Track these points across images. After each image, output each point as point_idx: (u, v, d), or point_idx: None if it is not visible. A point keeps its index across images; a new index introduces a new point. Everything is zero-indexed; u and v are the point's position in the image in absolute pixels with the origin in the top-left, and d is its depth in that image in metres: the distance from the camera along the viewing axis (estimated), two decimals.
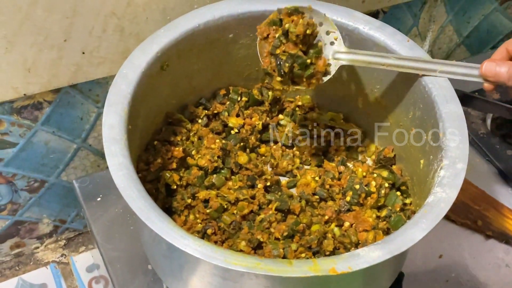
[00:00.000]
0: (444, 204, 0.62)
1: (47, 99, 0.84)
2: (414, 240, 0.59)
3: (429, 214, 0.62)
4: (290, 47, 0.71)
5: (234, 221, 0.75)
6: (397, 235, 0.60)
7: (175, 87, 0.80)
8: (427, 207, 0.62)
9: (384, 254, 0.58)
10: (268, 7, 0.79)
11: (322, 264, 0.58)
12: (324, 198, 0.79)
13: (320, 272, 0.57)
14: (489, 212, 0.86)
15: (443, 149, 0.68)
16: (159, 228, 0.59)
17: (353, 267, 0.58)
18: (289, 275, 0.57)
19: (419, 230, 0.60)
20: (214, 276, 0.64)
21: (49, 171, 0.92)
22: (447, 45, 1.14)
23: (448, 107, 0.70)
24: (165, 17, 0.82)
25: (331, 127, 0.87)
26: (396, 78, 0.77)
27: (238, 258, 0.58)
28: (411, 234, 0.60)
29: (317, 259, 0.58)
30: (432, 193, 0.64)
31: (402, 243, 0.59)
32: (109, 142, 0.65)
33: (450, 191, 0.63)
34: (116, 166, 0.63)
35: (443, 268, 0.82)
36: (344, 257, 0.59)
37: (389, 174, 0.80)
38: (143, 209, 0.60)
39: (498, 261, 0.84)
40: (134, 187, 0.62)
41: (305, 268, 0.57)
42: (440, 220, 0.61)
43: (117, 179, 0.62)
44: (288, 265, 0.58)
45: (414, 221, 0.61)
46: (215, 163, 0.79)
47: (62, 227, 1.01)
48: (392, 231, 0.76)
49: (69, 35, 0.77)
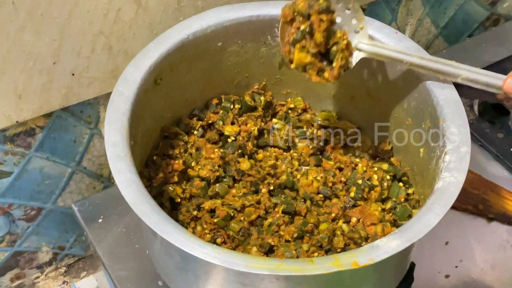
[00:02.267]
0: (454, 188, 0.63)
1: (39, 125, 0.83)
2: (430, 226, 0.60)
3: (441, 199, 0.62)
4: (311, 46, 0.70)
5: (242, 228, 0.75)
6: (413, 223, 0.61)
7: (169, 100, 0.79)
8: (438, 192, 0.63)
9: (403, 243, 0.59)
10: (255, 12, 0.79)
11: (343, 259, 0.58)
12: (328, 196, 0.79)
13: (343, 267, 0.57)
14: (488, 195, 0.88)
15: (445, 135, 0.68)
16: (176, 239, 0.58)
17: (374, 258, 0.58)
18: (312, 273, 0.57)
19: (433, 215, 0.61)
20: (234, 283, 0.63)
21: (45, 198, 0.91)
22: (425, 37, 1.15)
23: (444, 93, 0.71)
24: (152, 32, 0.82)
25: (326, 126, 0.87)
26: (389, 71, 0.78)
27: (259, 262, 0.58)
28: (426, 220, 0.61)
29: (338, 254, 0.58)
30: (441, 178, 0.65)
31: (418, 230, 0.60)
32: (114, 160, 0.64)
33: (458, 175, 0.64)
34: (125, 183, 0.62)
35: (450, 254, 0.83)
36: (364, 250, 0.59)
37: (389, 167, 0.81)
38: (158, 222, 0.60)
39: (503, 242, 0.85)
40: (145, 202, 0.61)
41: (328, 265, 0.57)
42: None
43: (127, 196, 0.62)
44: (310, 263, 0.58)
45: (427, 207, 0.62)
46: (217, 172, 0.79)
47: (62, 254, 0.99)
48: (399, 222, 0.76)
49: (58, 57, 0.77)
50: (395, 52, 0.72)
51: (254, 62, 0.84)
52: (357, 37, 0.73)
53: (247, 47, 0.82)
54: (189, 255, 0.59)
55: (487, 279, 0.81)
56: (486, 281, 0.81)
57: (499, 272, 0.82)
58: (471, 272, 0.82)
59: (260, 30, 0.81)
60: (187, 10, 0.82)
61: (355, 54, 0.73)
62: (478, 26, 1.21)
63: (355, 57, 0.73)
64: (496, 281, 0.81)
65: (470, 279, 0.81)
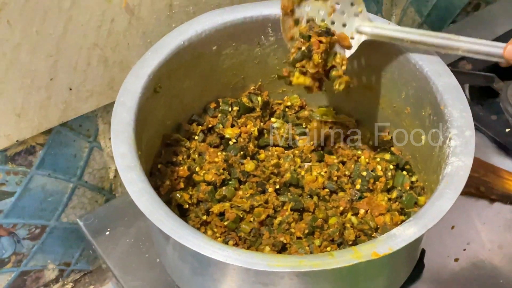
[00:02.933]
0: (463, 172, 0.64)
1: (39, 142, 0.82)
2: (444, 211, 0.61)
3: (451, 184, 0.63)
4: (310, 66, 0.73)
5: (253, 229, 0.75)
6: (426, 209, 0.62)
7: (168, 108, 0.79)
8: (447, 178, 0.64)
9: (420, 230, 0.60)
10: (247, 13, 0.80)
11: (362, 250, 0.58)
12: (334, 191, 0.80)
13: (363, 258, 0.58)
14: (488, 177, 0.89)
15: (448, 120, 0.69)
16: (196, 244, 0.58)
17: (393, 247, 0.59)
18: (334, 267, 0.57)
19: (446, 200, 0.62)
20: (253, 284, 0.64)
21: (49, 215, 0.90)
22: (410, 26, 1.17)
23: (442, 80, 0.72)
24: (146, 40, 0.82)
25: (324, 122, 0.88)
26: (384, 62, 0.79)
27: (280, 260, 0.58)
28: (439, 206, 0.61)
29: (356, 246, 0.59)
30: (448, 164, 0.66)
31: (433, 215, 0.61)
32: (124, 171, 0.64)
33: (466, 159, 0.65)
34: (138, 193, 0.63)
35: (457, 238, 0.84)
36: (382, 240, 0.60)
37: (391, 156, 0.82)
38: (175, 229, 0.60)
39: (507, 222, 0.86)
40: (160, 210, 0.61)
41: (348, 257, 0.58)
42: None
43: (141, 205, 0.62)
44: (330, 257, 0.58)
45: (439, 193, 0.63)
46: (222, 175, 0.79)
47: (68, 270, 0.99)
48: (406, 210, 0.77)
49: (54, 73, 0.76)
50: (395, 31, 0.74)
51: (249, 63, 0.84)
52: (357, 20, 0.75)
53: (242, 49, 0.82)
54: (207, 259, 0.59)
55: (496, 259, 0.82)
56: (494, 261, 0.82)
57: (507, 251, 0.83)
58: (479, 254, 0.83)
59: (253, 31, 0.81)
60: (179, 17, 0.83)
61: (357, 37, 0.75)
62: (460, 12, 1.23)
63: (357, 40, 0.75)
64: (504, 260, 0.82)
65: (479, 260, 0.82)
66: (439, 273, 0.81)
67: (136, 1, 0.78)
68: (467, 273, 0.81)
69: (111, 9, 0.76)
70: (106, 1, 0.75)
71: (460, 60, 1.06)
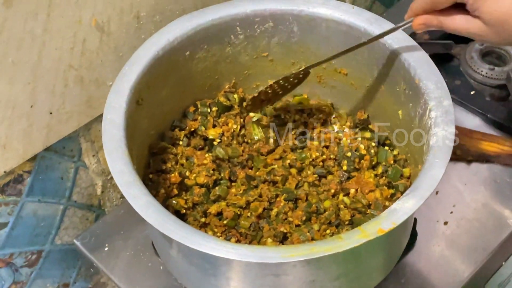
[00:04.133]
0: (448, 140, 0.67)
1: (26, 170, 0.82)
2: (437, 180, 0.64)
3: (439, 153, 0.66)
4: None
5: (252, 223, 0.77)
6: (420, 180, 0.65)
7: (151, 118, 0.80)
8: (435, 148, 0.67)
9: (418, 201, 0.63)
10: (215, 15, 0.81)
11: (368, 229, 0.61)
12: (323, 175, 0.82)
13: (371, 236, 0.60)
14: (462, 140, 0.93)
15: (424, 93, 0.73)
16: (210, 248, 0.60)
17: (396, 221, 0.62)
18: (345, 249, 0.60)
19: (437, 169, 0.65)
20: (267, 276, 0.66)
21: (43, 240, 0.90)
22: (364, 4, 1.20)
23: (413, 55, 0.76)
24: (118, 55, 0.82)
25: (301, 110, 0.90)
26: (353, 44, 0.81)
27: (292, 250, 0.60)
28: (432, 175, 0.65)
29: (362, 226, 0.62)
30: (432, 134, 0.69)
31: (428, 185, 0.64)
32: (125, 187, 0.65)
33: (448, 127, 0.68)
34: (143, 207, 0.64)
35: (443, 202, 0.88)
36: (384, 216, 0.62)
37: (371, 134, 0.85)
38: (187, 236, 0.61)
39: (486, 180, 0.91)
40: (169, 219, 0.63)
41: (356, 238, 0.61)
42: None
43: (149, 218, 0.63)
44: (339, 240, 0.61)
45: (429, 164, 0.66)
46: (213, 176, 0.81)
47: None
48: (393, 183, 0.80)
49: (34, 100, 0.77)
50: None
51: (221, 64, 0.86)
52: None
53: (213, 51, 0.84)
54: (220, 260, 0.61)
55: (482, 216, 0.87)
56: (482, 218, 0.86)
57: (491, 208, 0.87)
58: (466, 214, 0.87)
59: (222, 32, 0.83)
60: (147, 27, 0.84)
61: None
62: None
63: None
64: (490, 217, 0.87)
65: (466, 220, 0.86)
66: (431, 238, 0.85)
67: (105, 18, 0.78)
68: (458, 234, 0.85)
69: (82, 30, 0.76)
70: (77, 23, 0.75)
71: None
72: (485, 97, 1.00)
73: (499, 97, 1.00)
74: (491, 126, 0.97)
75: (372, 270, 0.73)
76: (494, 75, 1.00)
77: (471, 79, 1.02)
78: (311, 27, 0.82)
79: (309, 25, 0.82)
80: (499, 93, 1.00)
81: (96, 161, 0.91)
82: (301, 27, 0.82)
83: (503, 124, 0.96)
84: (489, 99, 1.00)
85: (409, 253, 0.83)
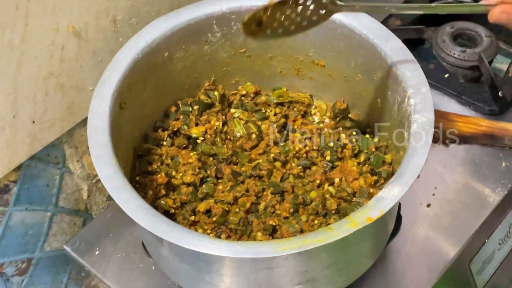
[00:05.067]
0: (429, 126, 0.69)
1: (11, 180, 0.83)
2: (420, 166, 0.66)
3: (421, 140, 0.68)
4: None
5: (241, 218, 0.78)
6: (404, 167, 0.67)
7: (134, 120, 0.81)
8: (416, 135, 0.69)
9: (403, 188, 0.65)
10: (191, 15, 0.82)
11: (357, 218, 0.63)
12: (308, 166, 0.84)
13: (360, 225, 0.62)
14: (438, 122, 0.94)
15: (402, 81, 0.74)
16: (204, 247, 0.61)
17: (384, 209, 0.63)
18: (335, 239, 0.61)
19: (420, 156, 0.67)
20: (261, 270, 0.67)
21: (32, 247, 0.91)
22: None
23: (389, 44, 0.77)
24: (97, 59, 0.83)
25: (281, 103, 0.91)
26: (328, 37, 0.83)
27: (284, 244, 0.62)
28: (415, 161, 0.66)
29: (351, 215, 0.63)
30: (413, 121, 0.70)
31: (412, 171, 0.66)
32: (115, 192, 0.66)
33: (428, 114, 0.70)
34: (134, 210, 0.65)
35: (425, 185, 0.90)
36: (372, 204, 0.64)
37: (351, 123, 0.87)
38: (180, 237, 0.62)
39: (464, 161, 0.93)
40: (161, 221, 0.64)
41: (346, 227, 0.62)
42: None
43: (141, 221, 0.64)
44: (329, 230, 0.62)
45: (412, 150, 0.68)
46: (200, 174, 0.82)
47: None
48: (376, 170, 0.82)
49: (16, 110, 0.77)
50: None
51: (200, 62, 0.87)
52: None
53: (192, 50, 0.84)
54: (215, 258, 0.63)
55: (463, 195, 0.89)
56: (463, 199, 0.89)
57: (471, 187, 0.90)
58: (448, 195, 0.89)
59: (199, 31, 0.83)
60: (124, 30, 0.84)
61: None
62: None
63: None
64: (471, 196, 0.89)
65: (448, 201, 0.89)
66: (415, 221, 0.87)
67: (82, 24, 0.79)
68: (441, 215, 0.87)
69: (59, 37, 0.77)
70: (54, 30, 0.76)
71: (388, 17, 1.11)
72: (459, 79, 1.02)
73: (472, 78, 1.02)
74: (466, 107, 0.99)
75: (361, 257, 0.75)
76: (466, 57, 1.02)
77: (444, 62, 1.04)
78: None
79: None
80: (472, 74, 1.02)
81: (80, 166, 0.91)
82: None
83: (478, 105, 0.98)
84: (463, 81, 1.02)
85: (395, 237, 0.85)
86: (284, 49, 0.87)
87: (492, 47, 1.02)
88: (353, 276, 0.76)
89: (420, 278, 0.82)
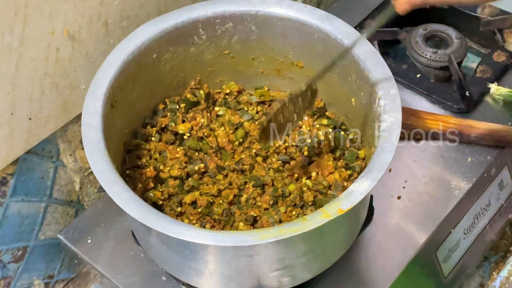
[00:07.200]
0: (396, 125, 0.75)
1: (9, 172, 0.88)
2: (388, 162, 0.72)
3: (389, 138, 0.74)
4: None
5: (224, 209, 0.84)
6: (373, 163, 0.73)
7: (124, 118, 0.86)
8: (385, 133, 0.75)
9: (372, 182, 0.71)
10: (178, 19, 0.87)
11: (329, 210, 0.69)
12: (287, 161, 0.90)
13: (332, 216, 0.68)
14: (410, 120, 1.01)
15: (373, 84, 0.80)
16: (190, 236, 0.67)
17: (354, 201, 0.69)
18: (309, 229, 0.67)
19: (388, 153, 0.73)
20: (242, 257, 0.73)
21: (28, 236, 0.96)
22: None
23: (361, 48, 0.83)
24: (90, 60, 0.88)
25: (263, 102, 0.97)
26: (307, 41, 0.89)
27: (263, 233, 0.68)
28: (383, 158, 0.73)
29: (324, 207, 0.69)
30: (382, 121, 0.77)
31: (380, 167, 0.72)
32: (108, 185, 0.72)
33: (396, 114, 0.76)
34: (126, 202, 0.70)
35: (396, 178, 0.96)
36: (343, 197, 0.70)
37: (328, 121, 0.93)
38: (168, 226, 0.68)
39: (433, 156, 0.99)
40: (150, 212, 0.69)
41: (319, 218, 0.68)
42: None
43: (132, 213, 0.69)
44: (304, 221, 0.68)
45: (381, 147, 0.74)
46: (186, 169, 0.87)
47: (52, 282, 1.05)
48: (350, 165, 0.88)
49: (14, 108, 0.82)
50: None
51: (186, 63, 0.92)
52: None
53: (178, 51, 0.90)
54: (200, 246, 0.68)
55: (432, 189, 0.95)
56: (431, 191, 0.95)
57: (439, 181, 0.96)
58: (417, 188, 0.96)
59: (186, 34, 0.89)
60: (115, 33, 0.89)
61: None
62: None
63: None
64: (439, 189, 0.95)
65: (417, 194, 0.95)
66: (387, 211, 0.93)
67: (76, 28, 0.84)
68: (411, 206, 0.94)
69: (55, 40, 0.82)
70: (50, 34, 0.81)
71: (365, 19, 1.17)
72: (430, 79, 1.08)
73: (443, 78, 1.09)
74: (436, 105, 1.05)
75: (336, 245, 0.82)
76: (437, 58, 1.08)
77: (417, 62, 1.10)
78: (268, 26, 0.89)
79: (266, 24, 0.89)
80: (442, 74, 1.08)
81: (73, 160, 0.97)
82: (259, 26, 0.89)
83: (447, 103, 1.04)
84: (434, 80, 1.08)
85: (367, 227, 0.91)
86: (266, 51, 0.93)
87: (462, 49, 1.08)
88: (328, 263, 0.83)
89: (390, 265, 0.89)
